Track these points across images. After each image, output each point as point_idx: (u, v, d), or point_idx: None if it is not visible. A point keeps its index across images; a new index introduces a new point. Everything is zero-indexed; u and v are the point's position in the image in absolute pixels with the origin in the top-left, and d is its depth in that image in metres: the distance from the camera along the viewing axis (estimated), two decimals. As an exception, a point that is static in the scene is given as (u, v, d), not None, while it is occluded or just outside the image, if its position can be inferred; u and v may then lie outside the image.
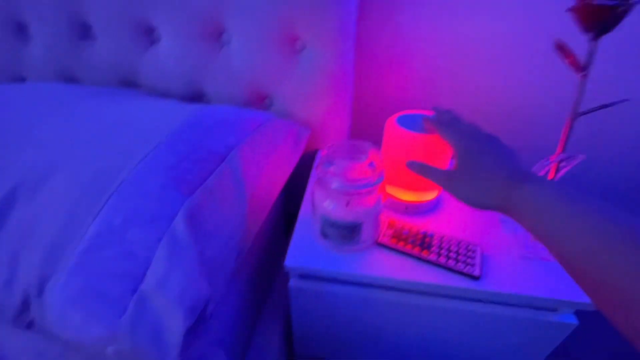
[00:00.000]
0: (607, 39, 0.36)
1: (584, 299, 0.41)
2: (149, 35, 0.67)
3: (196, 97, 0.72)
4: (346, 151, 0.44)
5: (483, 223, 0.52)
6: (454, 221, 0.52)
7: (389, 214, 0.53)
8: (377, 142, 0.54)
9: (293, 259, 0.45)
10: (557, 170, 0.41)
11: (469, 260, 0.44)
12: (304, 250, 0.46)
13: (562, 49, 0.36)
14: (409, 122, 0.51)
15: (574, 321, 0.43)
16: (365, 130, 0.82)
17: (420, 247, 0.46)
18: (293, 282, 0.47)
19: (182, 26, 0.63)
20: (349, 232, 0.43)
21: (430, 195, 0.53)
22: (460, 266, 0.43)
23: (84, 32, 0.69)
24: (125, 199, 0.38)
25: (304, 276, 0.47)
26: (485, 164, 0.35)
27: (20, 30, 0.72)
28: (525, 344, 0.46)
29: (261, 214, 0.52)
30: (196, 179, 0.43)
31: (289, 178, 0.68)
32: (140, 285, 0.33)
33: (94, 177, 0.41)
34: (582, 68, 0.36)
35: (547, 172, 0.42)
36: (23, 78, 0.77)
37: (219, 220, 0.42)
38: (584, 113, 0.38)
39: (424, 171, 0.40)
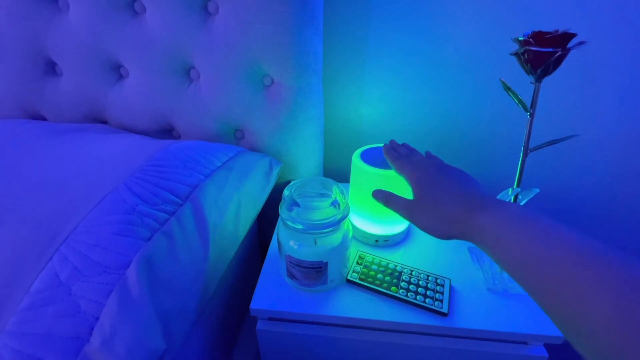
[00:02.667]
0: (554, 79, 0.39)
1: (553, 332, 0.41)
2: (116, 71, 0.67)
3: (165, 131, 0.71)
4: (309, 189, 0.44)
5: (452, 254, 0.52)
6: (424, 252, 0.52)
7: (359, 248, 0.53)
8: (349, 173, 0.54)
9: (259, 301, 0.44)
10: (516, 202, 0.42)
11: (437, 296, 0.43)
12: (271, 292, 0.45)
13: (508, 89, 0.38)
14: (374, 156, 0.51)
15: (544, 354, 0.42)
16: (338, 161, 0.83)
17: (389, 283, 0.45)
18: (261, 325, 0.45)
19: (150, 63, 0.63)
20: (315, 272, 0.42)
21: (399, 228, 0.53)
22: (429, 302, 0.43)
23: (49, 68, 0.68)
24: (75, 249, 0.36)
25: (272, 318, 0.45)
26: (441, 193, 0.35)
27: (-18, 67, 0.71)
28: None
29: (227, 255, 0.50)
30: (155, 222, 0.41)
31: (264, 211, 0.67)
32: (84, 347, 0.31)
33: (42, 226, 0.39)
34: (528, 107, 0.38)
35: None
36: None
37: (179, 266, 0.40)
38: (534, 149, 0.39)
39: (387, 201, 0.40)
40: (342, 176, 0.83)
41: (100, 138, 0.58)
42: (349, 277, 0.46)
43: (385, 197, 0.40)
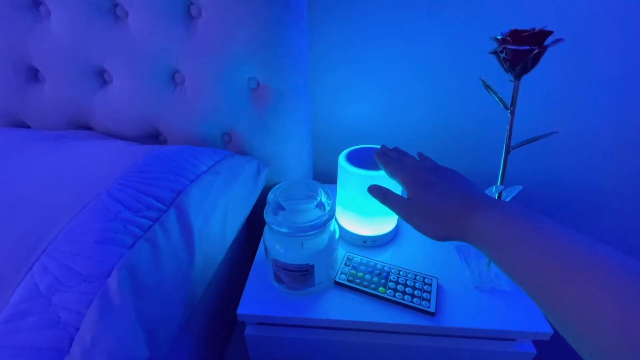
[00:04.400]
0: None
1: (541, 329, 0.41)
2: (100, 76, 0.66)
3: (152, 136, 0.71)
4: (294, 192, 0.43)
5: (440, 252, 0.52)
6: (412, 252, 0.52)
7: (348, 249, 0.53)
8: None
9: (246, 306, 0.43)
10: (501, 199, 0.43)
11: (424, 295, 0.43)
12: (259, 296, 0.45)
13: (488, 87, 0.38)
14: (360, 157, 0.51)
15: (532, 350, 0.42)
16: (329, 162, 0.82)
17: (377, 284, 0.45)
18: (249, 330, 0.45)
19: (134, 67, 0.63)
20: (302, 275, 0.42)
21: (387, 228, 0.53)
22: (416, 302, 0.43)
23: (32, 75, 0.67)
24: (55, 258, 0.36)
25: (261, 323, 0.45)
26: (435, 194, 0.35)
27: (-38, 75, 0.69)
28: None
29: (215, 260, 0.50)
30: (138, 229, 0.41)
31: (253, 214, 0.66)
32: (64, 359, 0.30)
33: (22, 236, 0.38)
34: (509, 105, 0.38)
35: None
36: (-34, 123, 0.73)
37: (163, 273, 0.40)
38: (516, 146, 0.39)
39: (384, 198, 0.39)
40: (333, 177, 0.83)
41: (83, 145, 0.57)
42: (336, 279, 0.46)
43: (382, 194, 0.39)
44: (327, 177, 0.84)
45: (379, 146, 0.54)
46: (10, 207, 0.41)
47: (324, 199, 0.42)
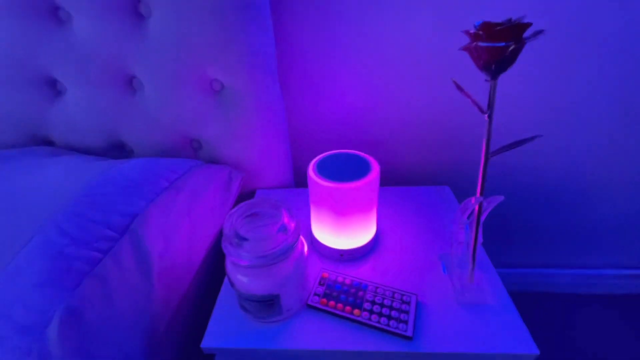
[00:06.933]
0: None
1: (527, 350, 0.38)
2: (52, 87, 0.61)
3: (116, 147, 0.66)
4: (251, 217, 0.39)
5: (422, 263, 0.49)
6: (391, 264, 0.49)
7: (324, 264, 0.49)
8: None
9: (211, 338, 0.41)
10: (480, 211, 0.39)
11: (402, 317, 0.40)
12: (225, 327, 0.42)
13: (460, 89, 0.33)
14: (332, 165, 0.47)
15: (519, 369, 0.39)
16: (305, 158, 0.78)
17: (352, 304, 0.42)
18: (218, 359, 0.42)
19: (86, 75, 0.58)
20: (267, 305, 0.38)
21: (365, 240, 0.49)
22: (392, 325, 0.39)
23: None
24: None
25: (229, 353, 0.42)
26: None
27: None
28: None
29: (180, 285, 0.46)
30: (84, 265, 0.37)
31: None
32: None
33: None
34: (485, 109, 0.33)
35: (471, 213, 0.39)
36: None
37: (116, 309, 0.37)
38: (496, 153, 0.35)
39: None
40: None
41: (37, 164, 0.53)
42: (309, 302, 0.43)
43: None
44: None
45: (354, 151, 0.50)
46: None
47: (286, 219, 0.38)
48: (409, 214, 0.59)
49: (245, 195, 0.68)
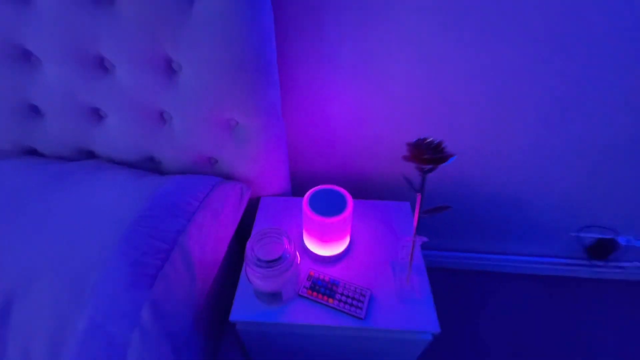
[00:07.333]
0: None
1: (433, 328, 0.61)
2: (96, 113, 0.75)
3: (148, 160, 0.82)
4: (266, 240, 0.59)
5: (377, 267, 0.70)
6: (357, 267, 0.71)
7: (311, 265, 0.71)
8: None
9: (236, 314, 0.63)
10: (414, 246, 0.59)
11: (359, 305, 0.63)
12: (245, 306, 0.64)
13: (406, 180, 0.52)
14: (322, 200, 0.66)
15: (429, 338, 0.63)
16: (307, 166, 0.96)
17: (328, 295, 0.64)
18: (239, 327, 0.65)
19: (124, 110, 0.72)
20: (273, 297, 0.60)
21: (339, 249, 0.70)
22: (353, 310, 0.62)
23: (34, 111, 0.75)
24: (101, 300, 0.52)
25: (248, 325, 0.64)
26: None
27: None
28: (398, 354, 0.68)
29: (209, 277, 0.67)
30: (153, 270, 0.57)
31: (240, 227, 0.83)
32: (123, 366, 0.49)
33: (72, 279, 0.54)
34: (418, 190, 0.52)
35: (408, 247, 0.60)
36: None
37: (176, 299, 0.58)
38: (426, 213, 0.54)
39: None
40: (310, 178, 0.97)
41: (92, 181, 0.69)
42: (300, 293, 0.64)
43: None
44: (305, 180, 0.98)
45: (336, 187, 0.68)
46: (57, 248, 0.56)
47: (287, 246, 0.58)
48: (375, 224, 0.80)
49: (253, 201, 0.87)
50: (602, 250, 1.18)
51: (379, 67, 0.75)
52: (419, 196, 0.53)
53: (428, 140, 0.48)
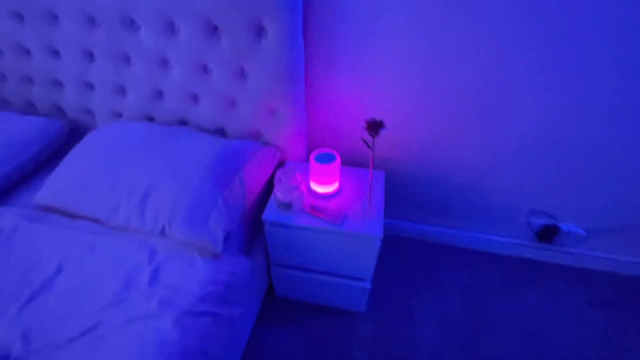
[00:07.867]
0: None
1: (375, 234, 1.02)
2: (194, 99, 1.25)
3: (220, 130, 1.31)
4: (287, 174, 1.04)
5: (354, 203, 1.12)
6: (340, 201, 1.13)
7: (313, 199, 1.14)
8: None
9: (266, 215, 1.08)
10: (371, 186, 1.01)
11: (338, 219, 1.05)
12: (271, 212, 1.09)
13: (365, 142, 0.94)
14: (321, 156, 1.10)
15: (378, 244, 1.04)
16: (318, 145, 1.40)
17: (321, 212, 1.07)
18: (266, 227, 1.10)
19: (211, 97, 1.21)
20: (288, 206, 1.04)
21: (331, 189, 1.13)
22: (333, 219, 1.05)
23: (159, 96, 1.27)
24: (197, 194, 0.99)
25: (272, 224, 1.09)
26: None
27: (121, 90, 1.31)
28: (362, 253, 1.09)
29: (252, 196, 1.13)
30: (224, 182, 1.03)
31: (271, 177, 1.29)
32: (208, 221, 0.95)
33: (180, 185, 1.01)
34: (370, 147, 0.95)
35: (368, 184, 1.02)
36: (119, 114, 1.36)
37: (234, 200, 1.04)
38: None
39: None
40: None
41: (189, 137, 1.18)
42: (304, 209, 1.08)
43: None
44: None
45: (333, 151, 1.12)
46: (177, 171, 1.05)
47: (299, 178, 1.02)
48: (357, 181, 1.22)
49: (281, 162, 1.33)
50: (548, 234, 1.47)
51: (373, 74, 1.18)
52: (371, 152, 0.96)
53: (377, 120, 0.90)
